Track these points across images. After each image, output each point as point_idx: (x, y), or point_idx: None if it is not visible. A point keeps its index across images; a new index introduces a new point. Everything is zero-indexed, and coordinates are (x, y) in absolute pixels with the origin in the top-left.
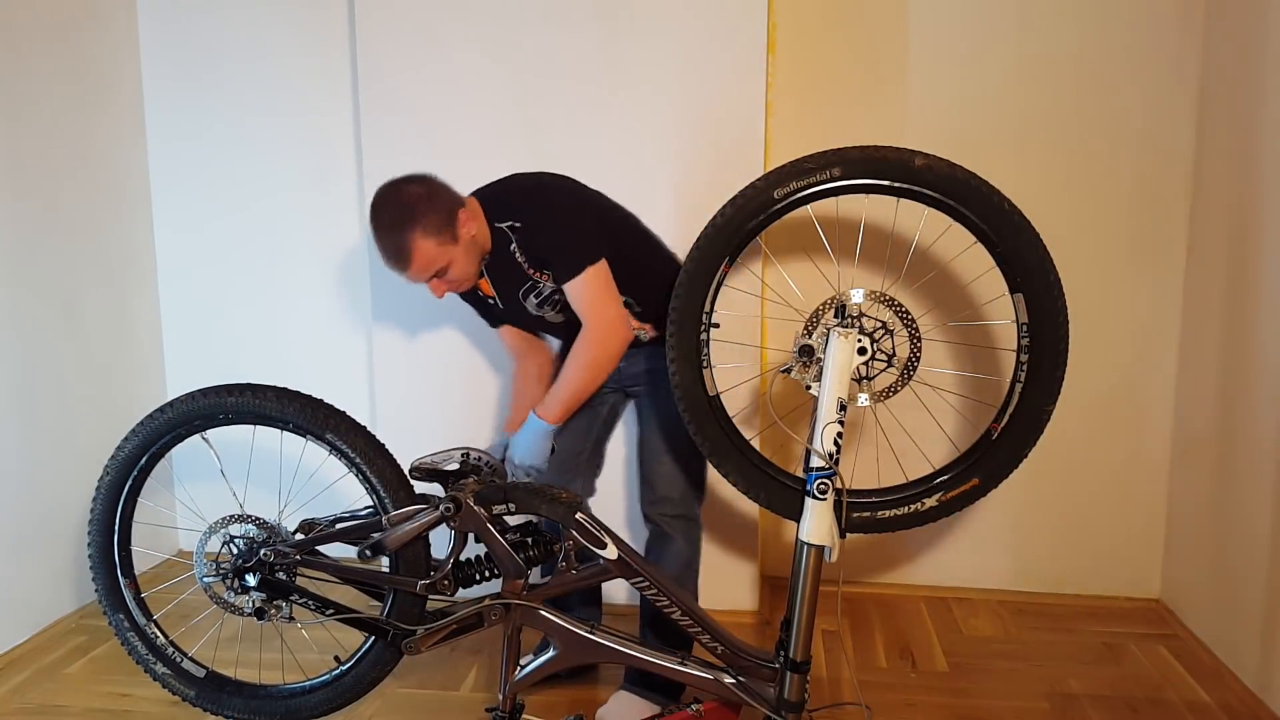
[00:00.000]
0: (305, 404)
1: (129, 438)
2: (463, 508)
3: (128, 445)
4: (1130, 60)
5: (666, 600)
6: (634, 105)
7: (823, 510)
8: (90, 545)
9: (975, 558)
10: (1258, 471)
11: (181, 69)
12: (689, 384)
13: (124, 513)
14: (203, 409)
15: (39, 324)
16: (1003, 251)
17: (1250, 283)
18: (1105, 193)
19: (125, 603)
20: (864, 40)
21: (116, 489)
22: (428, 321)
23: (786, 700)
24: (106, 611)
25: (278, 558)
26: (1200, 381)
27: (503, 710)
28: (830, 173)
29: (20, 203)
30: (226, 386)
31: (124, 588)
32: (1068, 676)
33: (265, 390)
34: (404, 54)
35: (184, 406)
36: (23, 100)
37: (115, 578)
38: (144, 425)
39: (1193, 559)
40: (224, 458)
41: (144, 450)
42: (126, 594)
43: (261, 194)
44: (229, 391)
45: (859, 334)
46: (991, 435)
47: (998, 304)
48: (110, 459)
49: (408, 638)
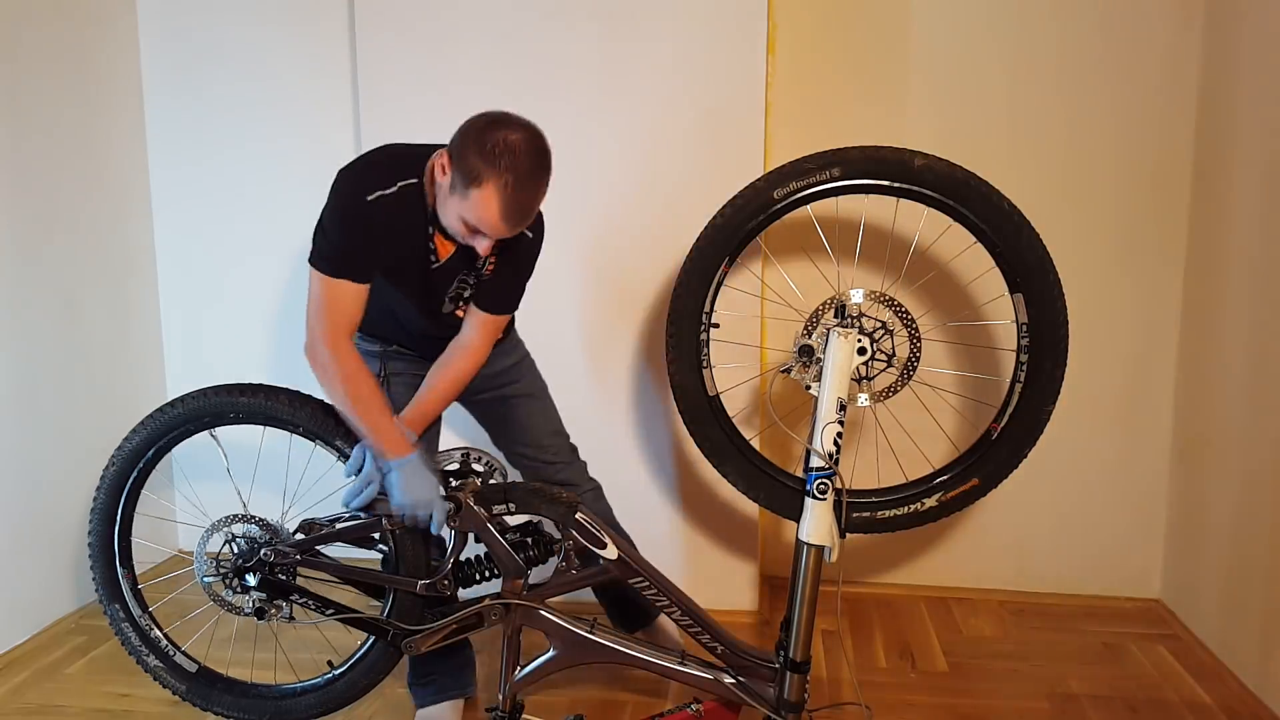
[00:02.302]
0: (318, 409)
1: (137, 430)
2: (463, 508)
3: (135, 437)
4: (1130, 60)
5: (667, 600)
6: (634, 105)
7: (822, 510)
8: (91, 534)
9: (975, 558)
10: (1258, 471)
11: (181, 69)
12: (689, 384)
13: (126, 504)
14: (214, 406)
15: (39, 323)
16: (1002, 251)
17: (1250, 283)
18: (1105, 192)
19: (122, 593)
20: (864, 40)
21: (121, 479)
22: None
23: (786, 700)
24: (103, 601)
25: (278, 557)
26: (1200, 381)
27: (502, 710)
28: (830, 173)
29: (21, 202)
30: (239, 385)
31: (121, 578)
32: (1068, 676)
33: (279, 392)
34: (404, 54)
35: (195, 403)
36: (23, 100)
37: (114, 568)
38: (153, 419)
39: (1193, 559)
40: (229, 457)
41: (151, 443)
42: (124, 584)
43: (261, 194)
44: (241, 391)
45: (859, 334)
46: (991, 435)
47: (998, 304)
48: (116, 450)
49: (408, 638)
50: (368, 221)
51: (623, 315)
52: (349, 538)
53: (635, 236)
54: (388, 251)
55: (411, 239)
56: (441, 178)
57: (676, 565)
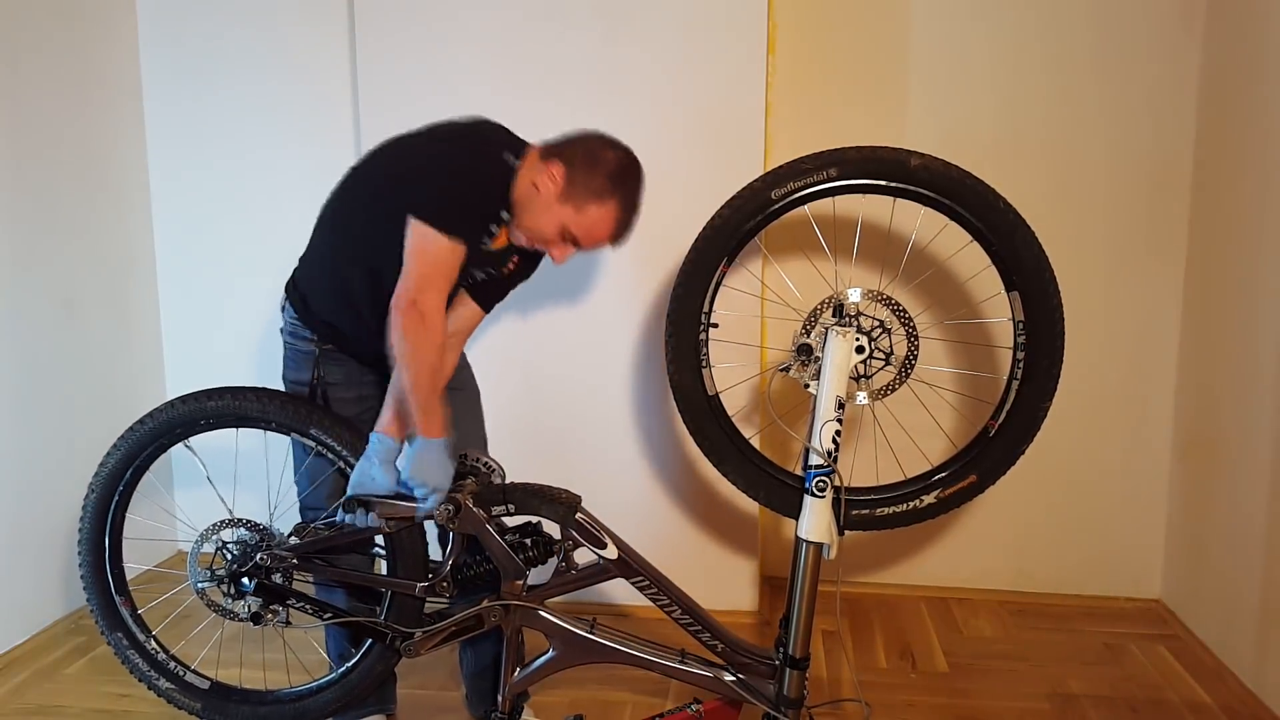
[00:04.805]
0: (285, 401)
1: (111, 452)
2: (461, 509)
3: (110, 460)
4: (1130, 60)
5: (667, 599)
6: (634, 105)
7: (821, 508)
8: (82, 565)
9: (975, 558)
10: (1257, 471)
11: (181, 69)
12: (688, 384)
13: (114, 528)
14: (183, 416)
15: (38, 324)
16: (998, 250)
17: (1250, 283)
18: (1105, 192)
19: (123, 620)
20: (864, 40)
21: (104, 505)
22: None
23: (786, 697)
24: (104, 632)
25: (274, 562)
26: (1200, 381)
27: (502, 711)
28: (827, 173)
29: (20, 202)
30: (205, 391)
31: (119, 605)
32: (1068, 677)
33: (244, 391)
34: (404, 54)
35: (164, 415)
36: (23, 100)
37: (110, 596)
38: (125, 438)
39: (1193, 559)
40: (214, 462)
41: (128, 464)
42: (123, 611)
43: (261, 194)
44: (208, 396)
45: (857, 332)
46: (989, 432)
47: (995, 302)
48: (94, 475)
49: (406, 640)
50: (497, 180)
51: (622, 315)
52: (345, 542)
53: (635, 236)
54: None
55: (490, 215)
56: (549, 185)
57: (676, 565)
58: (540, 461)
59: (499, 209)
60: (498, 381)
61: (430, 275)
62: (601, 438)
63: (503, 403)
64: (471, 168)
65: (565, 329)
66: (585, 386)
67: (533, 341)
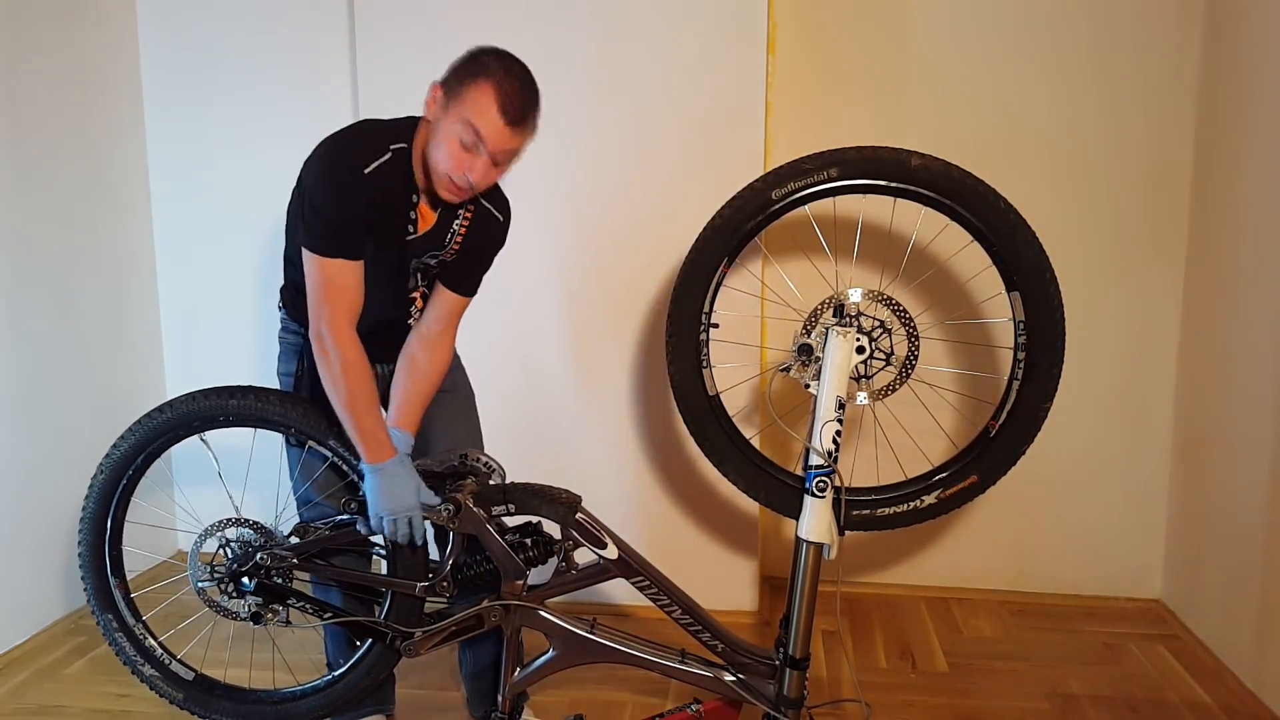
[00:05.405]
0: (309, 409)
1: (125, 436)
2: (462, 509)
3: (123, 444)
4: (1130, 60)
5: (667, 599)
6: (634, 105)
7: (822, 508)
8: (80, 544)
9: (975, 558)
10: (1257, 471)
11: (181, 69)
12: (689, 384)
13: (116, 512)
14: (203, 410)
15: (38, 323)
16: (999, 250)
17: (1249, 282)
18: (1105, 192)
19: (115, 603)
20: (864, 40)
21: (110, 488)
22: None
23: (786, 697)
24: (95, 611)
25: (274, 561)
26: (1200, 381)
27: (502, 711)
28: (828, 173)
29: (20, 202)
30: (229, 388)
31: (114, 588)
32: (1068, 677)
33: (269, 394)
34: (404, 54)
35: (184, 407)
36: (23, 100)
37: (105, 577)
38: (141, 424)
39: (1193, 559)
40: (220, 460)
41: (140, 450)
42: (116, 594)
43: (261, 194)
44: (231, 394)
45: (857, 333)
46: (989, 433)
47: (995, 302)
48: (105, 457)
49: (406, 640)
50: (363, 194)
51: (623, 315)
52: (345, 542)
53: (635, 237)
54: (379, 221)
55: (399, 207)
56: (433, 108)
57: (676, 565)
58: (540, 461)
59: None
60: (497, 381)
61: (324, 298)
62: (601, 438)
63: (501, 402)
64: (325, 182)
65: (565, 329)
66: (585, 386)
67: (532, 341)
